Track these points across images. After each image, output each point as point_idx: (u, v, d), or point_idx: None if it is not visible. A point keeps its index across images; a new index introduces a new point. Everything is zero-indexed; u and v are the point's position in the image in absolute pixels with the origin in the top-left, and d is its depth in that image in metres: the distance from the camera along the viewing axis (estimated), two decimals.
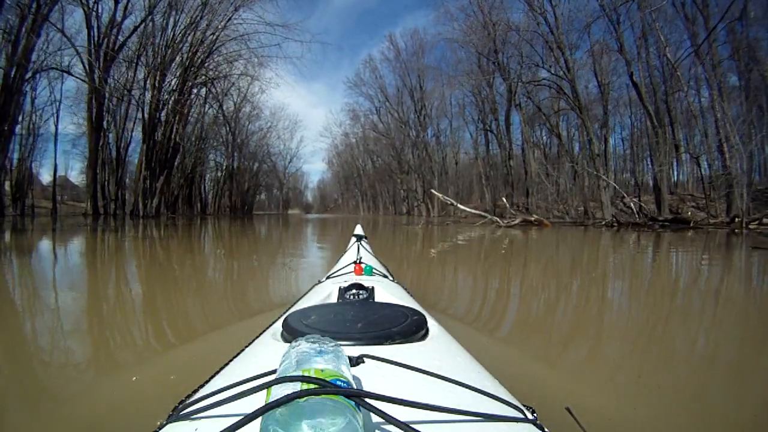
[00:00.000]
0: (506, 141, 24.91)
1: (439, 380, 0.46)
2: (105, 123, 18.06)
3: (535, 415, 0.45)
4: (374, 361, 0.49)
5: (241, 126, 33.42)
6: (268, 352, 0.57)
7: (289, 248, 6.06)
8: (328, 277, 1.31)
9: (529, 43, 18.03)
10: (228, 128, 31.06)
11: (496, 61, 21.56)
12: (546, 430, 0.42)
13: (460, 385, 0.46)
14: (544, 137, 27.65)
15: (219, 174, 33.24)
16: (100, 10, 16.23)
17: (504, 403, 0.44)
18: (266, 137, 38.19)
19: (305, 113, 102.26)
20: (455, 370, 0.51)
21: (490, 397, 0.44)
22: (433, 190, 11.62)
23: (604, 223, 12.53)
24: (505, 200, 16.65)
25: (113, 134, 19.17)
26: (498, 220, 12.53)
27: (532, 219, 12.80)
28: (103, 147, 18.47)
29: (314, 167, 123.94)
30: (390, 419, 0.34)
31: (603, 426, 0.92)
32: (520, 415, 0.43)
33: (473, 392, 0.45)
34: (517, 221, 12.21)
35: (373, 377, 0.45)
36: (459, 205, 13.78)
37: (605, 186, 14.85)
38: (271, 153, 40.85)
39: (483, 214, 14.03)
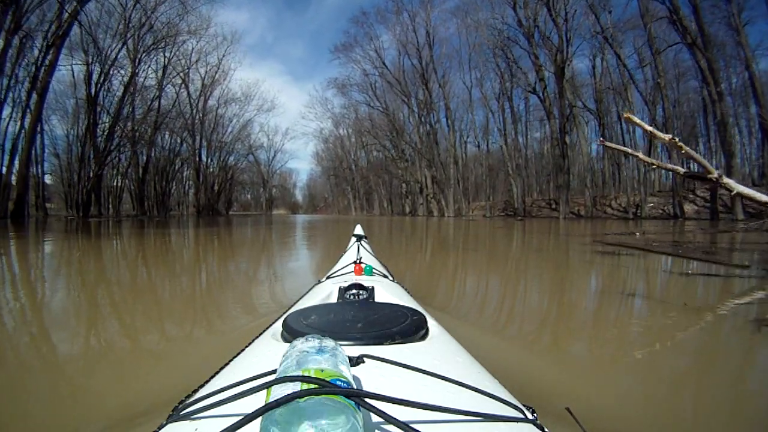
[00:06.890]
0: (557, 108, 17.40)
1: (439, 380, 0.46)
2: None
3: (535, 415, 0.45)
4: (374, 361, 0.49)
5: (210, 108, 28.04)
6: (268, 352, 0.58)
7: None
8: (328, 277, 1.31)
9: None
10: (193, 110, 26.17)
11: None
12: (546, 430, 0.42)
13: (460, 385, 0.46)
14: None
15: (175, 167, 27.45)
16: None
17: (504, 403, 0.44)
18: (239, 117, 32.12)
19: (297, 111, 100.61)
20: (455, 370, 0.51)
21: (490, 397, 0.44)
22: (629, 114, 3.39)
23: None
24: None
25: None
26: None
27: None
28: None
29: (304, 166, 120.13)
30: (390, 419, 0.34)
31: (603, 426, 0.91)
32: (520, 415, 0.43)
33: (473, 392, 0.45)
34: None
35: (373, 377, 0.45)
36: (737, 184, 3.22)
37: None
38: (252, 146, 35.64)
39: None
